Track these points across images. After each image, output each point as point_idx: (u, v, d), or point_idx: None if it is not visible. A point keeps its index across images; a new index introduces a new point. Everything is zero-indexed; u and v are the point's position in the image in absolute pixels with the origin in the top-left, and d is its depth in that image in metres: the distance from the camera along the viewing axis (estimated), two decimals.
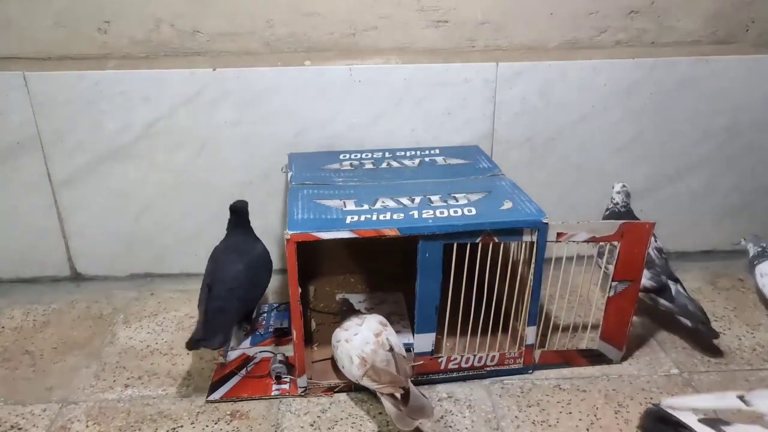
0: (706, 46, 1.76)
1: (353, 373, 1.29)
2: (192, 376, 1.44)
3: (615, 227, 1.32)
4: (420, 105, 1.72)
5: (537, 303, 1.36)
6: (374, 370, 1.25)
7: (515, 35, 1.73)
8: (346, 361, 1.31)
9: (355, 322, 1.35)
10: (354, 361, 1.28)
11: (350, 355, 1.29)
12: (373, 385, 1.25)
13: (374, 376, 1.25)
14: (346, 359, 1.30)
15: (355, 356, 1.28)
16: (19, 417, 1.32)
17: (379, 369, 1.25)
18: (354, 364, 1.28)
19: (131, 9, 1.63)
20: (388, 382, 1.23)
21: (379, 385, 1.23)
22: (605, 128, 1.77)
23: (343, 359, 1.31)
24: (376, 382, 1.24)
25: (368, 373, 1.25)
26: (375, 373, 1.25)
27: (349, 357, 1.29)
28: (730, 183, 1.86)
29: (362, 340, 1.30)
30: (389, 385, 1.22)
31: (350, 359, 1.29)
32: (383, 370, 1.25)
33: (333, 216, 1.30)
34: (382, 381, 1.23)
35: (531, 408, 1.33)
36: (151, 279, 1.85)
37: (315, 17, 1.67)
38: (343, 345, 1.32)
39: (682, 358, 1.49)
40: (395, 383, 1.22)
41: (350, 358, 1.29)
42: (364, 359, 1.27)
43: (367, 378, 1.26)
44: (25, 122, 1.66)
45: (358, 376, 1.28)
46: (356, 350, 1.29)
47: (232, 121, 1.69)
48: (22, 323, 1.66)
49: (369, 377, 1.25)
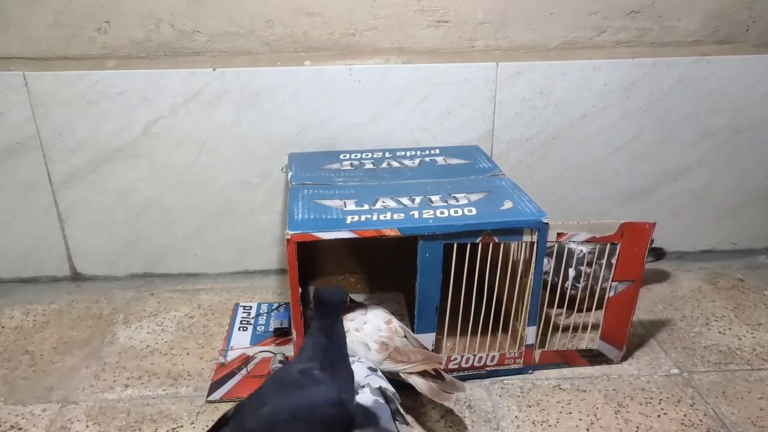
0: (707, 45, 1.76)
1: (371, 358, 1.26)
2: (192, 376, 1.44)
3: (615, 227, 1.32)
4: (420, 105, 1.72)
5: (537, 303, 1.36)
6: (399, 352, 1.26)
7: (515, 35, 1.73)
8: (360, 349, 1.28)
9: (360, 312, 1.35)
10: (372, 347, 1.27)
11: (365, 342, 1.28)
12: (400, 367, 1.25)
13: (402, 357, 1.25)
14: (360, 347, 1.28)
15: (372, 342, 1.27)
16: (19, 417, 1.32)
17: (406, 350, 1.26)
18: (372, 350, 1.27)
19: (131, 9, 1.63)
20: (421, 360, 1.24)
21: (410, 364, 1.24)
22: (605, 128, 1.77)
23: (357, 348, 1.29)
24: (405, 363, 1.24)
25: (392, 355, 1.25)
26: (402, 354, 1.25)
27: (363, 344, 1.28)
28: (730, 183, 1.86)
29: (374, 327, 1.30)
30: (423, 362, 1.23)
31: (366, 346, 1.28)
32: (412, 350, 1.27)
33: (333, 216, 1.30)
34: (413, 360, 1.24)
35: (531, 408, 1.33)
36: (151, 279, 1.85)
37: (315, 17, 1.67)
38: (354, 334, 1.30)
39: (682, 358, 1.49)
40: (431, 359, 1.23)
41: (365, 345, 1.28)
42: (385, 343, 1.27)
43: (390, 360, 1.25)
44: (25, 122, 1.66)
45: (377, 361, 1.26)
46: (371, 336, 1.28)
47: (232, 121, 1.69)
48: (22, 323, 1.66)
49: (393, 359, 1.25)
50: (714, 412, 1.32)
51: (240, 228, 1.80)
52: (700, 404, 1.34)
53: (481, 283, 1.32)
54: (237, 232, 1.81)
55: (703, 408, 1.33)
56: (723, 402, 1.34)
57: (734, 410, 1.32)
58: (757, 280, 1.81)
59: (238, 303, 1.72)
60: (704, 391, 1.38)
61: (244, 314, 1.66)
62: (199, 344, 1.55)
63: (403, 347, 1.27)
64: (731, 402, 1.34)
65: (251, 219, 1.80)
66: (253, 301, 1.73)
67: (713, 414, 1.31)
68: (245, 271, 1.86)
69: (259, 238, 1.82)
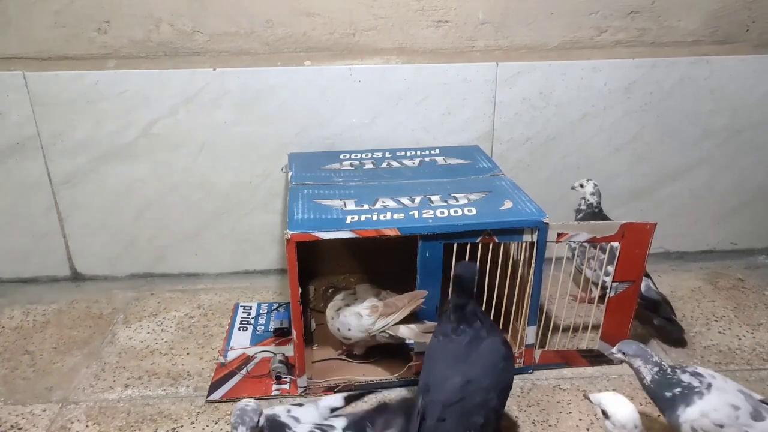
0: (707, 45, 1.76)
1: (364, 325, 1.33)
2: (192, 376, 1.44)
3: (616, 228, 1.32)
4: (420, 105, 1.72)
5: (537, 303, 1.36)
6: (387, 305, 1.31)
7: (515, 35, 1.73)
8: (353, 320, 1.34)
9: (349, 293, 1.43)
10: (363, 313, 1.33)
11: (357, 312, 1.34)
12: (391, 319, 1.29)
13: (390, 309, 1.30)
14: (352, 318, 1.35)
15: (363, 309, 1.34)
16: (19, 417, 1.32)
17: (392, 301, 1.32)
18: (364, 316, 1.33)
19: (131, 9, 1.63)
20: (406, 302, 1.29)
21: (399, 311, 1.29)
22: (605, 128, 1.77)
23: (350, 320, 1.35)
24: (394, 312, 1.29)
25: (382, 312, 1.31)
26: (390, 306, 1.31)
27: (356, 314, 1.34)
28: (730, 183, 1.86)
29: (364, 300, 1.37)
30: (410, 303, 1.28)
31: (358, 315, 1.34)
32: (397, 297, 1.32)
33: (333, 216, 1.30)
34: (400, 306, 1.29)
35: (531, 408, 1.33)
36: (151, 279, 1.85)
37: (315, 17, 1.67)
38: (345, 309, 1.37)
39: (682, 358, 1.49)
40: (415, 297, 1.28)
41: (357, 314, 1.34)
42: (375, 306, 1.33)
43: (382, 318, 1.30)
44: (25, 122, 1.66)
45: (369, 324, 1.32)
46: (362, 306, 1.35)
47: (232, 121, 1.69)
48: (22, 323, 1.66)
49: (384, 315, 1.30)
50: None
51: (240, 228, 1.80)
52: None
53: (481, 283, 1.32)
54: (237, 232, 1.81)
55: None
56: None
57: None
58: (757, 280, 1.81)
59: (238, 303, 1.72)
60: None
61: (244, 314, 1.66)
62: (199, 344, 1.55)
63: (389, 301, 1.33)
64: None
65: (251, 219, 1.80)
66: (253, 301, 1.73)
67: None
68: (245, 271, 1.86)
69: (259, 238, 1.82)
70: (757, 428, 1.05)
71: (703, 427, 1.06)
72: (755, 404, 1.08)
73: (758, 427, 1.05)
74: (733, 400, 1.07)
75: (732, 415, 1.05)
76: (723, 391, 1.08)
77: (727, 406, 1.06)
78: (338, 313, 1.37)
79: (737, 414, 1.06)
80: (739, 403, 1.07)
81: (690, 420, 1.07)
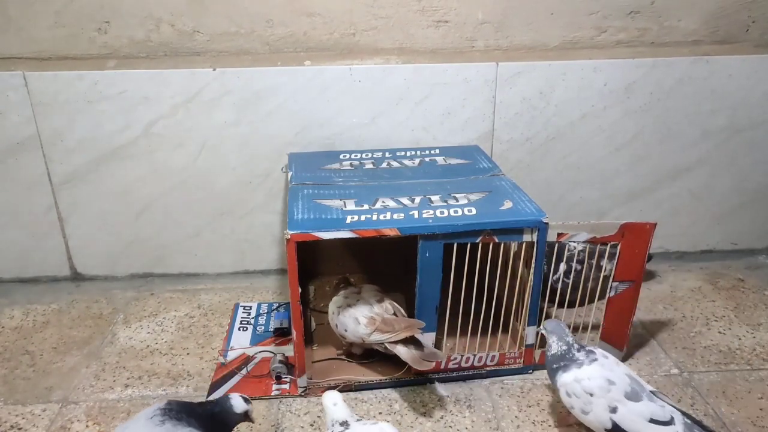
0: (707, 45, 1.76)
1: (359, 332, 1.32)
2: (192, 376, 1.44)
3: (615, 228, 1.32)
4: (420, 105, 1.72)
5: (537, 303, 1.36)
6: (385, 322, 1.30)
7: (515, 35, 1.73)
8: (350, 323, 1.34)
9: (353, 291, 1.42)
10: (361, 322, 1.32)
11: (355, 317, 1.34)
12: (385, 337, 1.29)
13: (387, 327, 1.29)
14: (350, 321, 1.34)
15: (361, 317, 1.33)
16: (19, 417, 1.32)
17: (391, 319, 1.31)
18: (361, 324, 1.32)
19: (131, 9, 1.63)
20: (403, 327, 1.28)
21: (394, 333, 1.28)
22: (605, 128, 1.77)
23: (347, 321, 1.35)
24: (390, 333, 1.28)
25: (379, 327, 1.30)
26: (387, 324, 1.30)
27: (354, 318, 1.34)
28: (730, 183, 1.86)
29: (366, 304, 1.36)
30: (406, 329, 1.27)
31: (356, 320, 1.33)
32: (396, 319, 1.31)
33: (333, 216, 1.30)
34: (396, 329, 1.28)
35: (531, 408, 1.33)
36: (151, 279, 1.85)
37: (315, 17, 1.67)
38: (346, 309, 1.36)
39: (682, 358, 1.49)
40: (412, 326, 1.27)
41: (356, 319, 1.33)
42: (373, 318, 1.32)
43: (378, 332, 1.30)
44: (25, 122, 1.66)
45: (365, 334, 1.32)
46: (362, 312, 1.34)
47: (232, 121, 1.69)
48: (22, 323, 1.66)
49: (380, 331, 1.30)
50: (714, 411, 1.32)
51: (240, 228, 1.80)
52: (700, 404, 1.34)
53: (481, 283, 1.32)
54: (237, 232, 1.81)
55: (703, 408, 1.33)
56: (723, 402, 1.34)
57: (734, 410, 1.32)
58: (757, 280, 1.81)
59: (238, 303, 1.72)
60: (704, 391, 1.38)
61: (244, 314, 1.66)
62: (199, 344, 1.55)
63: (388, 318, 1.32)
64: (731, 402, 1.34)
65: (251, 219, 1.80)
66: (253, 301, 1.73)
67: (713, 414, 1.31)
68: (245, 271, 1.86)
69: (259, 238, 1.82)
70: (627, 405, 1.12)
71: (575, 392, 1.16)
72: (638, 388, 1.13)
73: (629, 405, 1.11)
74: (610, 376, 1.15)
75: (604, 387, 1.13)
76: (604, 368, 1.16)
77: (602, 379, 1.14)
78: (339, 310, 1.38)
79: (610, 388, 1.13)
80: (617, 381, 1.14)
81: (565, 384, 1.17)
